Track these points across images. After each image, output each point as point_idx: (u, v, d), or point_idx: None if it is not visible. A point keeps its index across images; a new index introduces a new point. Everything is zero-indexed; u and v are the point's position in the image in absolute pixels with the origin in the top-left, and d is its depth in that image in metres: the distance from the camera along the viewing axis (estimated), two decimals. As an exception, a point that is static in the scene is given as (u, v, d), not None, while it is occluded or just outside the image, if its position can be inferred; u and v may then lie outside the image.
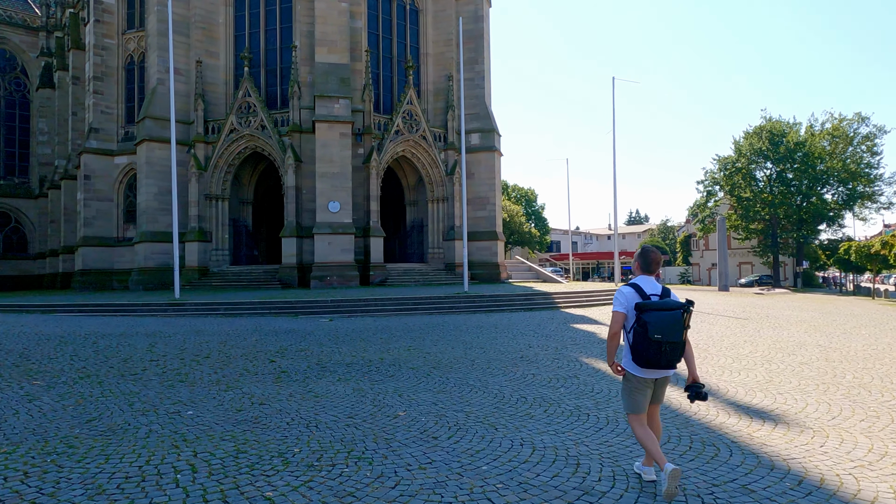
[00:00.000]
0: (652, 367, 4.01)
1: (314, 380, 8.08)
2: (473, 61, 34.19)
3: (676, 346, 3.93)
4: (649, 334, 3.88)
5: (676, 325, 3.88)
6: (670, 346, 3.90)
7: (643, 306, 3.96)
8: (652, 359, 3.95)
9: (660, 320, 3.87)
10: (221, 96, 31.25)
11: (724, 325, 15.26)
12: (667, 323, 3.87)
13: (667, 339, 3.87)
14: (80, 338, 12.56)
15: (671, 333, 3.87)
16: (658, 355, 3.93)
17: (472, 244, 33.38)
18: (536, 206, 77.09)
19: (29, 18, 49.78)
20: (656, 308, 3.93)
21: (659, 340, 3.87)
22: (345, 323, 16.03)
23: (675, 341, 3.90)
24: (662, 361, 3.96)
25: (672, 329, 3.87)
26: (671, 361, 3.99)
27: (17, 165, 49.16)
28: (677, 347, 3.94)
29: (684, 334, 3.94)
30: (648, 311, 3.93)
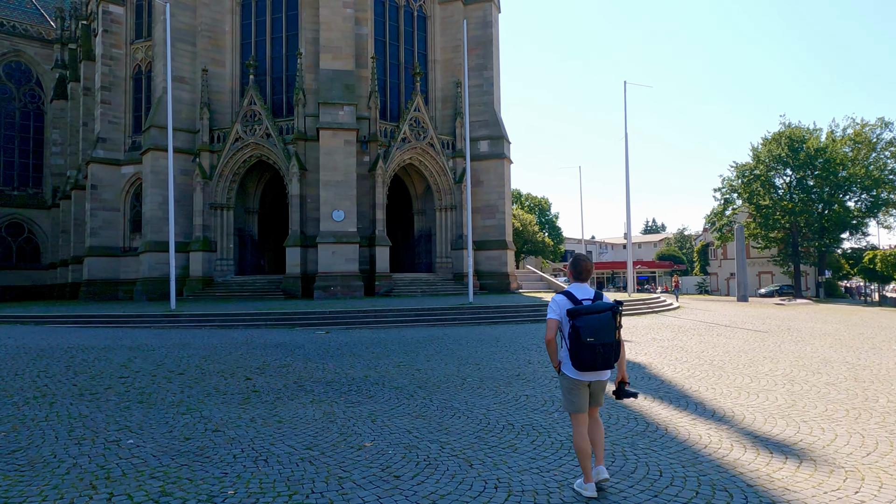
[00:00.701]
0: (588, 369, 4.15)
1: (284, 401, 7.37)
2: (482, 67, 33.61)
3: (610, 346, 4.07)
4: (582, 338, 4.02)
5: (607, 326, 4.04)
6: (604, 348, 4.05)
7: (574, 312, 4.11)
8: (587, 361, 4.08)
9: (591, 323, 4.02)
10: (227, 105, 30.99)
11: (741, 339, 14.31)
12: (598, 325, 4.02)
13: (599, 340, 4.02)
14: (60, 351, 12.01)
15: (603, 335, 4.03)
16: (593, 357, 4.06)
17: (481, 253, 32.68)
18: (550, 215, 76.12)
19: (44, 31, 50.33)
20: (587, 312, 4.08)
21: (592, 343, 4.02)
22: (340, 336, 15.35)
23: (608, 342, 4.06)
24: (598, 363, 4.10)
25: (604, 331, 4.03)
26: (606, 362, 4.13)
27: (30, 176, 49.53)
28: (611, 348, 4.09)
29: (617, 334, 4.10)
30: (579, 315, 4.08)
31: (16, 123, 49.23)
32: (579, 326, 4.04)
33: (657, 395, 7.75)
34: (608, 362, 4.14)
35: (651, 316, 21.92)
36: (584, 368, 4.14)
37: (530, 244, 67.16)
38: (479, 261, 32.70)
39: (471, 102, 33.57)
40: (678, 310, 25.76)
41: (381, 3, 31.84)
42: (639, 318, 20.95)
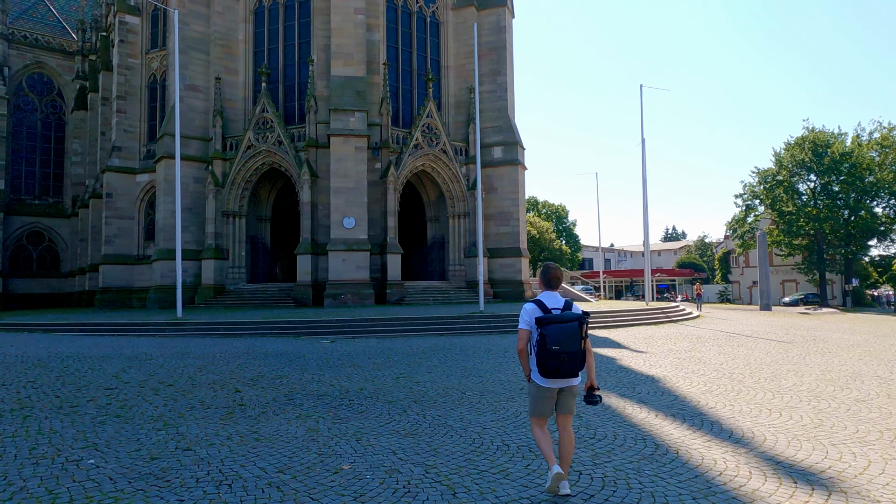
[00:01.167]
0: (553, 376, 4.25)
1: (269, 416, 6.95)
2: (496, 73, 33.22)
3: (575, 355, 4.19)
4: (548, 346, 4.15)
5: (573, 336, 4.17)
6: (568, 356, 4.17)
7: (542, 320, 4.24)
8: (552, 368, 4.20)
9: (557, 332, 4.15)
10: (240, 112, 30.98)
11: (763, 351, 13.57)
12: (564, 335, 4.15)
13: (565, 349, 4.14)
14: (57, 360, 11.77)
15: (569, 344, 4.15)
16: (558, 365, 4.18)
17: (495, 261, 32.15)
18: (567, 222, 75.31)
19: (66, 43, 51.20)
20: (554, 321, 4.21)
21: (557, 351, 4.14)
22: (345, 345, 14.95)
23: (573, 351, 4.17)
24: (563, 371, 4.22)
25: (569, 340, 4.15)
26: (572, 370, 4.24)
27: (51, 186, 50.23)
28: (576, 357, 4.20)
29: (582, 344, 4.22)
30: (547, 324, 4.21)
31: (37, 134, 50.04)
32: (546, 335, 4.18)
33: (670, 412, 7.18)
34: (573, 370, 4.25)
35: (669, 325, 21.18)
36: (550, 375, 4.25)
37: (547, 252, 66.39)
38: (493, 268, 32.18)
39: (484, 108, 33.26)
40: (698, 319, 24.94)
41: (393, 9, 31.67)
42: (656, 327, 20.23)
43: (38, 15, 52.23)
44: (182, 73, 30.38)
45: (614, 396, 8.15)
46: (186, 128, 30.27)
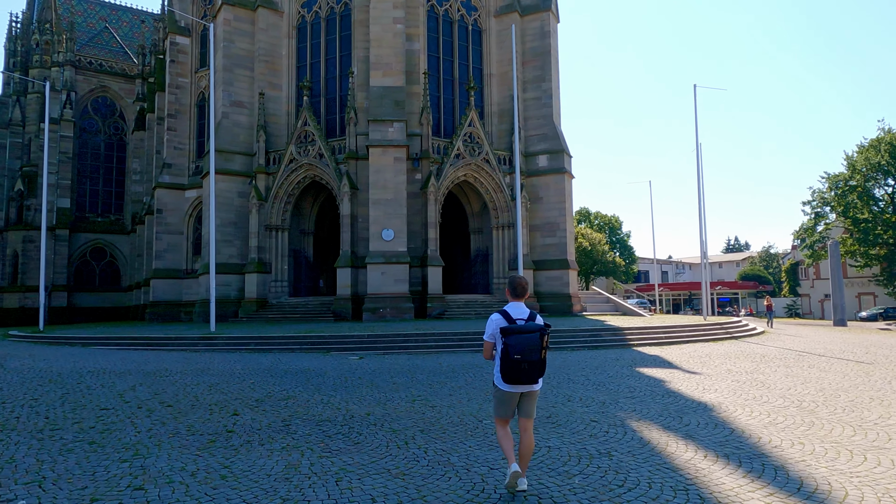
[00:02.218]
0: (515, 382, 4.56)
1: (253, 446, 6.17)
2: (540, 79, 32.17)
3: (535, 364, 4.47)
4: (510, 355, 4.43)
5: (534, 346, 4.43)
6: (529, 365, 4.46)
7: (506, 330, 4.51)
8: (513, 375, 4.51)
9: (519, 343, 4.42)
10: (283, 127, 31.12)
11: (840, 373, 11.89)
12: (525, 345, 4.42)
13: (525, 358, 4.43)
14: (74, 376, 11.49)
15: (529, 353, 4.43)
16: (519, 373, 4.48)
17: (542, 273, 30.89)
18: (621, 233, 72.72)
19: (127, 67, 53.64)
20: (516, 332, 4.48)
21: (519, 360, 4.42)
22: (372, 362, 14.17)
23: (534, 360, 4.46)
24: (523, 378, 4.52)
25: (530, 350, 4.42)
26: (531, 377, 4.54)
27: (113, 203, 52.42)
28: (536, 365, 4.48)
29: (542, 353, 4.47)
30: (510, 335, 4.48)
31: (101, 154, 52.44)
32: (509, 345, 4.47)
33: (723, 451, 5.94)
34: (533, 377, 4.56)
35: (729, 342, 19.38)
36: (511, 382, 4.57)
37: (600, 265, 64.21)
38: (539, 281, 30.91)
39: (529, 116, 32.28)
40: (763, 335, 22.88)
41: (434, 18, 31.21)
42: (714, 344, 18.52)
43: (103, 42, 55.01)
44: (227, 90, 30.92)
45: (656, 429, 6.95)
46: (231, 143, 30.70)
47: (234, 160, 30.63)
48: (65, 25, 50.85)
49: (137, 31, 57.09)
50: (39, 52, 50.00)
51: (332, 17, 31.23)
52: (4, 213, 48.97)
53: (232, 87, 30.90)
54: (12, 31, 53.34)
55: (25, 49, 51.88)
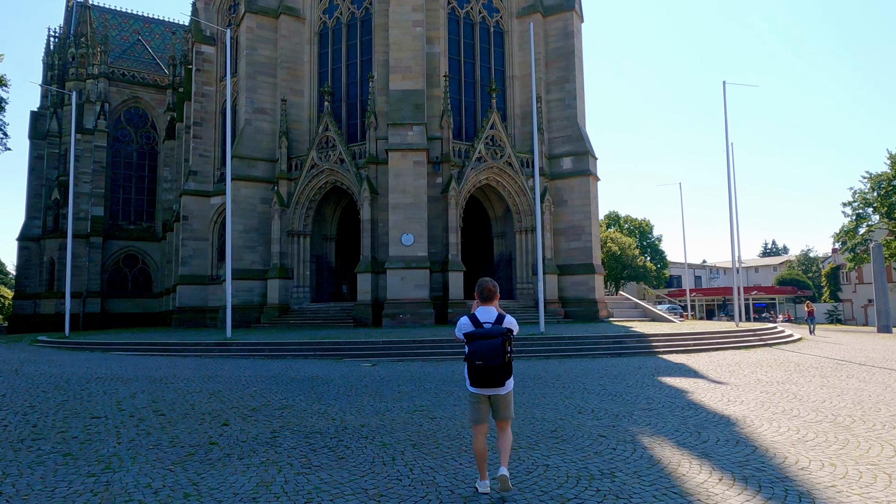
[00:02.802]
0: (480, 385, 4.69)
1: (231, 460, 5.81)
2: (564, 80, 31.55)
3: (497, 368, 4.57)
4: (473, 361, 4.60)
5: (496, 351, 4.54)
6: (491, 370, 4.57)
7: (469, 336, 4.68)
8: (476, 379, 4.66)
9: (481, 348, 4.57)
10: (305, 133, 31.18)
11: (881, 384, 10.99)
12: (486, 350, 4.55)
13: (487, 363, 4.55)
14: (80, 383, 11.39)
15: (491, 359, 4.54)
16: (482, 376, 4.62)
17: (566, 278, 30.16)
18: (652, 237, 71.07)
19: (159, 78, 54.82)
20: (478, 337, 4.63)
21: (481, 365, 4.57)
22: (384, 369, 13.79)
23: (496, 365, 4.56)
24: (487, 381, 4.63)
25: (492, 355, 4.54)
26: (495, 381, 4.63)
27: (145, 211, 53.51)
28: (498, 370, 4.58)
29: (505, 358, 4.58)
30: (473, 340, 4.65)
31: (133, 163, 53.62)
32: (471, 350, 4.60)
33: (741, 473, 5.34)
34: (497, 381, 4.62)
35: (762, 350, 18.41)
36: (476, 385, 4.69)
37: (630, 269, 62.81)
38: (564, 286, 30.18)
39: (552, 117, 31.66)
40: (800, 342, 21.74)
41: (455, 21, 30.91)
42: (746, 352, 17.59)
43: (136, 54, 56.38)
44: (250, 97, 31.17)
45: (669, 446, 6.35)
46: (254, 150, 30.89)
47: (256, 166, 30.81)
48: (99, 39, 52.26)
49: (168, 43, 58.32)
50: (75, 65, 51.47)
51: (353, 23, 31.22)
52: (42, 222, 50.42)
53: (255, 94, 31.13)
54: (50, 45, 55.10)
55: (62, 62, 53.50)
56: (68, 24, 56.30)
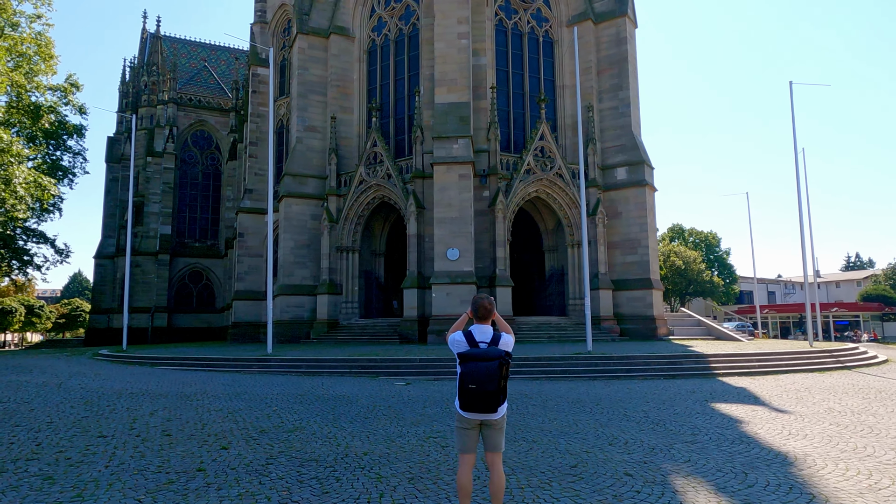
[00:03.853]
0: (470, 410, 4.27)
1: (207, 492, 5.37)
2: (617, 88, 30.37)
3: (491, 394, 4.16)
4: (465, 384, 4.22)
5: (492, 376, 4.15)
6: (484, 395, 4.17)
7: (463, 356, 4.31)
8: (467, 403, 4.25)
9: (474, 371, 4.20)
10: (354, 149, 31.38)
11: (980, 417, 9.41)
12: (481, 374, 4.17)
13: (481, 388, 4.16)
14: (110, 398, 11.42)
15: (485, 383, 4.16)
16: (473, 401, 4.21)
17: (622, 294, 28.75)
18: (719, 251, 67.58)
19: (223, 102, 57.23)
20: (473, 358, 4.26)
21: (474, 389, 4.18)
22: (417, 388, 13.22)
23: (490, 391, 4.15)
24: (479, 406, 4.23)
25: (486, 379, 4.16)
26: (488, 406, 4.22)
27: (209, 229, 55.63)
28: (492, 395, 4.17)
29: (500, 383, 4.17)
30: (466, 361, 4.27)
31: (199, 183, 55.96)
32: (464, 372, 4.25)
33: (788, 530, 4.39)
34: (490, 407, 4.24)
35: (839, 373, 16.60)
36: (466, 409, 4.30)
37: (695, 285, 59.87)
38: (620, 302, 28.76)
39: (605, 126, 30.51)
40: (885, 365, 19.58)
41: (502, 32, 30.45)
42: (819, 375, 15.89)
43: (202, 80, 59.16)
44: (301, 115, 31.72)
45: (706, 490, 5.43)
46: (304, 167, 31.34)
47: (307, 183, 31.22)
48: (169, 66, 55.16)
49: (233, 68, 60.91)
50: (147, 92, 54.49)
51: (401, 39, 31.33)
52: (115, 241, 53.26)
53: (306, 113, 31.66)
54: (125, 75, 58.72)
55: (136, 90, 56.77)
56: (142, 54, 59.79)
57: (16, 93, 31.09)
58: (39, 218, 40.23)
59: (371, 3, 32.30)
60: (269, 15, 38.09)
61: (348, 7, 32.24)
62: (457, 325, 4.63)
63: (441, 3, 27.65)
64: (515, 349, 4.61)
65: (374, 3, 32.23)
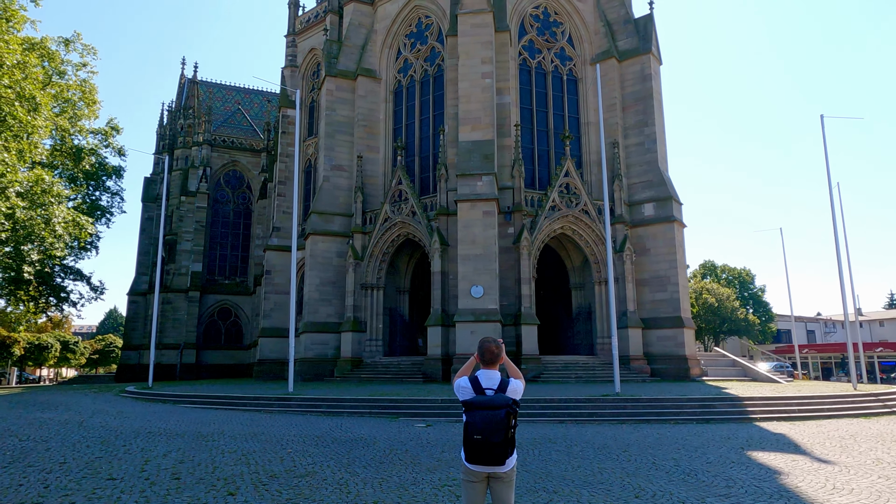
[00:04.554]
0: (476, 462, 4.05)
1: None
2: (642, 124, 30.22)
3: (498, 445, 3.94)
4: (471, 434, 3.97)
5: (498, 425, 3.92)
6: (490, 446, 3.95)
7: (468, 404, 4.06)
8: (472, 454, 4.02)
9: (480, 421, 3.95)
10: (379, 187, 31.69)
11: None
12: (487, 424, 3.94)
13: (486, 438, 3.93)
14: (126, 438, 11.34)
15: (491, 434, 3.92)
16: (479, 452, 3.99)
17: (651, 333, 27.93)
18: (754, 288, 65.65)
19: (255, 143, 58.85)
20: (479, 407, 4.01)
21: (480, 440, 3.95)
22: (438, 431, 12.84)
23: (497, 441, 3.93)
24: (485, 459, 4.00)
25: (493, 430, 3.92)
26: (494, 459, 4.00)
27: (239, 266, 56.47)
28: (498, 447, 3.95)
29: (508, 433, 3.95)
30: (472, 409, 4.02)
31: (230, 222, 57.13)
32: (469, 422, 4.03)
33: None
34: (497, 459, 4.00)
35: (887, 418, 15.61)
36: (472, 461, 4.08)
37: (730, 323, 58.04)
38: (650, 341, 27.92)
39: (631, 162, 30.27)
40: (936, 410, 18.37)
41: (526, 71, 30.77)
42: (865, 421, 14.96)
43: (236, 122, 61.07)
44: (328, 154, 32.31)
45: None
46: (331, 205, 31.72)
47: (333, 221, 31.52)
48: (204, 109, 57.17)
49: (265, 110, 62.83)
50: (183, 134, 56.47)
51: (426, 79, 31.89)
52: (149, 278, 54.40)
53: (333, 152, 32.23)
54: (163, 118, 61.07)
55: (172, 132, 58.88)
56: (180, 98, 62.19)
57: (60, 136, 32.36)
58: (77, 256, 41.33)
59: (397, 45, 33.09)
60: (299, 59, 39.32)
61: (375, 50, 33.08)
62: (464, 370, 4.39)
63: (465, 45, 28.13)
64: (541, 389, 4.38)
65: (400, 46, 33.01)
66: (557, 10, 31.73)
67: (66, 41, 29.03)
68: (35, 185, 24.89)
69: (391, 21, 32.84)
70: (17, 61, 22.13)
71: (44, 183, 26.76)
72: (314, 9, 39.14)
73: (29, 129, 23.45)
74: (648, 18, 31.49)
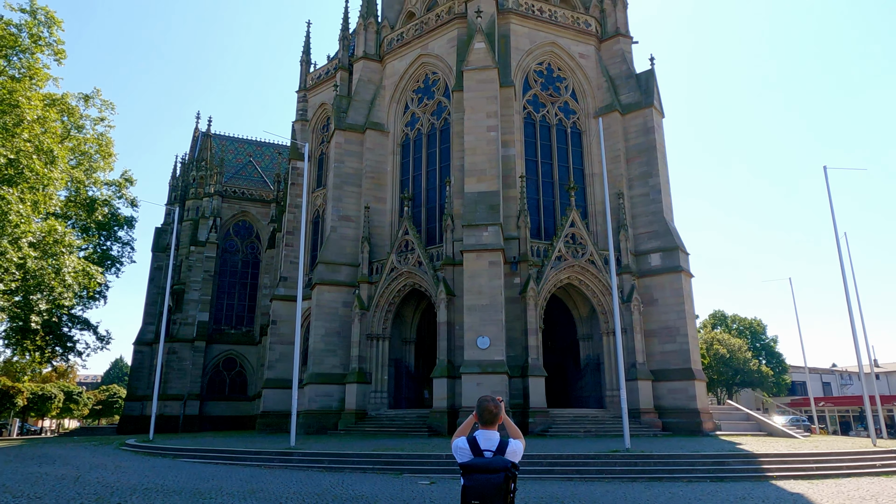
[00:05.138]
0: None
1: None
2: (647, 175, 30.54)
3: None
4: (468, 499, 3.91)
5: (496, 490, 3.87)
6: None
7: (466, 467, 4.05)
8: None
9: (478, 485, 3.91)
10: (386, 237, 31.89)
11: None
12: (485, 488, 3.89)
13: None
14: (126, 494, 11.08)
15: (490, 499, 3.86)
16: None
17: (662, 385, 27.38)
18: (766, 338, 64.65)
19: (264, 194, 59.85)
20: (477, 470, 3.99)
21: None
22: (442, 488, 12.46)
23: None
24: None
25: (492, 495, 3.86)
26: None
27: (245, 316, 56.43)
28: None
29: (507, 498, 3.88)
30: (470, 473, 4.00)
31: (238, 271, 57.46)
32: (467, 486, 3.97)
33: None
34: None
35: (909, 478, 14.99)
36: None
37: (742, 374, 56.96)
38: (661, 394, 27.33)
39: (637, 213, 30.43)
40: (961, 469, 17.65)
41: (531, 124, 31.41)
42: (887, 479, 14.37)
43: (247, 174, 62.32)
44: (336, 205, 32.73)
45: None
46: (338, 255, 31.89)
47: (340, 271, 31.62)
48: (216, 162, 58.47)
49: (276, 162, 64.18)
50: (195, 185, 57.55)
51: (433, 132, 32.58)
52: (155, 328, 54.35)
53: (341, 203, 32.65)
54: (176, 170, 62.45)
55: (184, 184, 60.07)
56: (193, 150, 63.71)
57: (75, 188, 32.97)
58: (85, 305, 41.43)
59: (405, 100, 33.99)
60: (309, 114, 40.39)
61: (383, 105, 33.98)
62: (462, 430, 4.29)
63: (471, 100, 28.85)
64: (548, 444, 4.27)
65: (407, 100, 33.91)
66: (561, 66, 32.65)
67: (85, 97, 29.92)
68: (48, 236, 25.19)
69: (399, 77, 33.85)
70: (37, 116, 22.84)
71: (56, 233, 27.11)
72: (325, 66, 40.46)
73: (45, 182, 23.94)
74: (650, 74, 32.28)
